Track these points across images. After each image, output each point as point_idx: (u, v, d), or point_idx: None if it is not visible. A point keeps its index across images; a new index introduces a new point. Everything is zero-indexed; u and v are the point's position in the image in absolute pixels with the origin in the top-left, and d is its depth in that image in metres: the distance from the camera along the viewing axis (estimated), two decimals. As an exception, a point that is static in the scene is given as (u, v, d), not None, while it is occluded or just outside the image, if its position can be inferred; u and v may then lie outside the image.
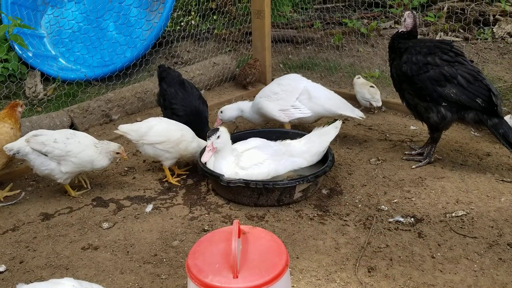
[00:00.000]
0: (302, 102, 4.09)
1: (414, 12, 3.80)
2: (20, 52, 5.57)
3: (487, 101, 3.43)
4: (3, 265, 2.79)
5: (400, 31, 3.79)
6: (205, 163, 3.35)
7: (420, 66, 3.53)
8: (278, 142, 3.64)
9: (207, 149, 3.26)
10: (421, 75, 3.52)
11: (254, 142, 3.57)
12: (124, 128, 3.60)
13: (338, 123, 3.70)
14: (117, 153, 3.43)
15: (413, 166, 3.73)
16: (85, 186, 3.58)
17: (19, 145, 3.25)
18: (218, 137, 3.24)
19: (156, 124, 3.64)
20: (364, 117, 4.12)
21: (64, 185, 3.46)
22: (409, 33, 3.76)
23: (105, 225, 3.16)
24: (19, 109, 3.66)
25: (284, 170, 3.43)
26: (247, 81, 5.53)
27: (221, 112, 4.30)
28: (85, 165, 3.34)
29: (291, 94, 4.09)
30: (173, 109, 4.04)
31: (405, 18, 3.77)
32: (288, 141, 3.66)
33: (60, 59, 6.04)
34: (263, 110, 4.14)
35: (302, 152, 3.53)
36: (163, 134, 3.58)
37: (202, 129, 3.91)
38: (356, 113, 4.07)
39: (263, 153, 3.40)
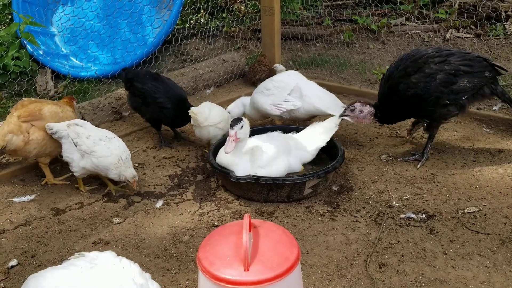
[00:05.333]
0: (294, 98, 4.10)
1: (352, 108, 3.71)
2: (31, 49, 5.61)
3: (492, 69, 3.50)
4: (14, 259, 2.81)
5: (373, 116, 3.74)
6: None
7: (425, 81, 3.44)
8: (281, 135, 3.59)
9: (229, 139, 3.17)
10: (431, 87, 3.43)
11: (263, 137, 3.52)
12: (196, 110, 3.78)
13: (337, 120, 3.65)
14: (128, 180, 3.39)
15: (418, 166, 3.68)
16: (112, 191, 3.56)
17: (59, 127, 3.42)
18: (242, 127, 3.18)
19: (211, 107, 3.90)
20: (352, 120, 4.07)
21: (77, 177, 3.52)
22: (379, 108, 3.70)
23: (116, 220, 3.17)
24: (74, 103, 4.02)
25: (296, 165, 3.41)
26: (256, 78, 5.53)
27: (229, 112, 4.22)
28: (101, 169, 3.37)
29: (282, 91, 4.12)
30: (159, 103, 4.05)
31: (359, 110, 3.70)
32: (291, 134, 3.63)
33: (71, 57, 6.07)
34: (256, 104, 4.19)
35: (306, 146, 3.50)
36: (220, 115, 3.86)
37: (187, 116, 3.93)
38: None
39: (276, 149, 3.36)
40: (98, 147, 3.34)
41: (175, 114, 4.08)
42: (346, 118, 3.77)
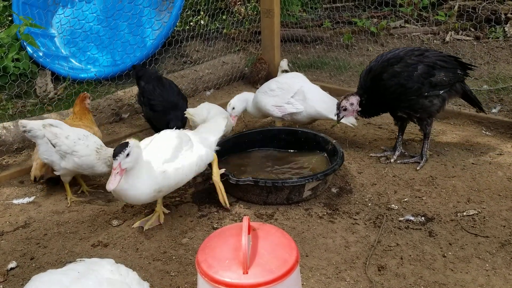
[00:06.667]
0: (297, 101, 4.10)
1: (345, 101, 3.71)
2: (31, 51, 5.62)
3: (463, 68, 3.68)
4: (14, 261, 2.80)
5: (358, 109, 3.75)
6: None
7: (408, 71, 3.53)
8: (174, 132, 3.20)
9: (113, 172, 2.61)
10: (413, 76, 3.52)
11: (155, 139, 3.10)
12: (192, 111, 3.77)
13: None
14: None
15: (417, 168, 3.69)
16: (85, 191, 3.56)
17: (34, 125, 3.27)
18: (128, 154, 2.62)
19: (210, 107, 3.90)
20: (356, 124, 4.09)
21: (64, 183, 3.45)
22: (364, 103, 3.71)
23: (115, 222, 3.17)
24: (87, 101, 3.89)
25: (206, 155, 3.15)
26: (259, 76, 5.60)
27: (233, 108, 4.18)
28: (85, 168, 3.30)
29: (286, 93, 4.12)
30: (151, 105, 4.06)
31: (349, 104, 3.71)
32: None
33: (70, 59, 6.08)
34: (259, 103, 4.19)
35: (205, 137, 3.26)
36: (219, 115, 3.82)
37: (177, 118, 3.91)
38: (348, 120, 4.02)
39: (177, 139, 3.02)
40: (78, 146, 3.25)
41: (162, 118, 3.99)
42: (345, 120, 3.89)
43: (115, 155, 2.60)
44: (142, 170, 2.76)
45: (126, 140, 2.69)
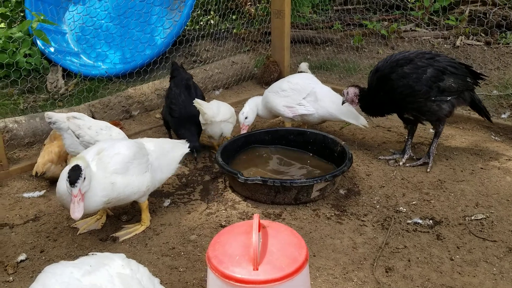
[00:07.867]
0: (308, 103, 4.10)
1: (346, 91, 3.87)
2: (43, 47, 5.67)
3: (473, 77, 3.68)
4: (24, 253, 2.84)
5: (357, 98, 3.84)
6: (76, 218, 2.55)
7: (417, 73, 3.53)
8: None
9: (74, 200, 2.50)
10: (422, 79, 3.51)
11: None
12: (201, 102, 3.80)
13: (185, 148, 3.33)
14: None
15: (428, 170, 3.69)
16: None
17: (59, 117, 3.31)
18: (85, 178, 2.55)
19: (219, 105, 3.98)
20: (368, 126, 4.09)
21: None
22: (360, 98, 3.81)
23: (124, 217, 3.20)
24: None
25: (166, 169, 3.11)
26: (271, 78, 5.60)
27: (246, 118, 4.13)
28: None
29: (298, 94, 4.10)
30: (170, 109, 4.06)
31: (346, 92, 3.86)
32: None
33: (82, 56, 6.13)
34: (269, 104, 4.17)
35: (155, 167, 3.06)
36: (229, 111, 3.97)
37: (192, 133, 3.92)
38: (360, 121, 4.01)
39: (132, 148, 2.89)
40: (101, 136, 3.32)
41: (178, 126, 4.01)
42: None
43: (73, 182, 2.48)
44: (93, 181, 2.65)
45: (74, 163, 2.56)
